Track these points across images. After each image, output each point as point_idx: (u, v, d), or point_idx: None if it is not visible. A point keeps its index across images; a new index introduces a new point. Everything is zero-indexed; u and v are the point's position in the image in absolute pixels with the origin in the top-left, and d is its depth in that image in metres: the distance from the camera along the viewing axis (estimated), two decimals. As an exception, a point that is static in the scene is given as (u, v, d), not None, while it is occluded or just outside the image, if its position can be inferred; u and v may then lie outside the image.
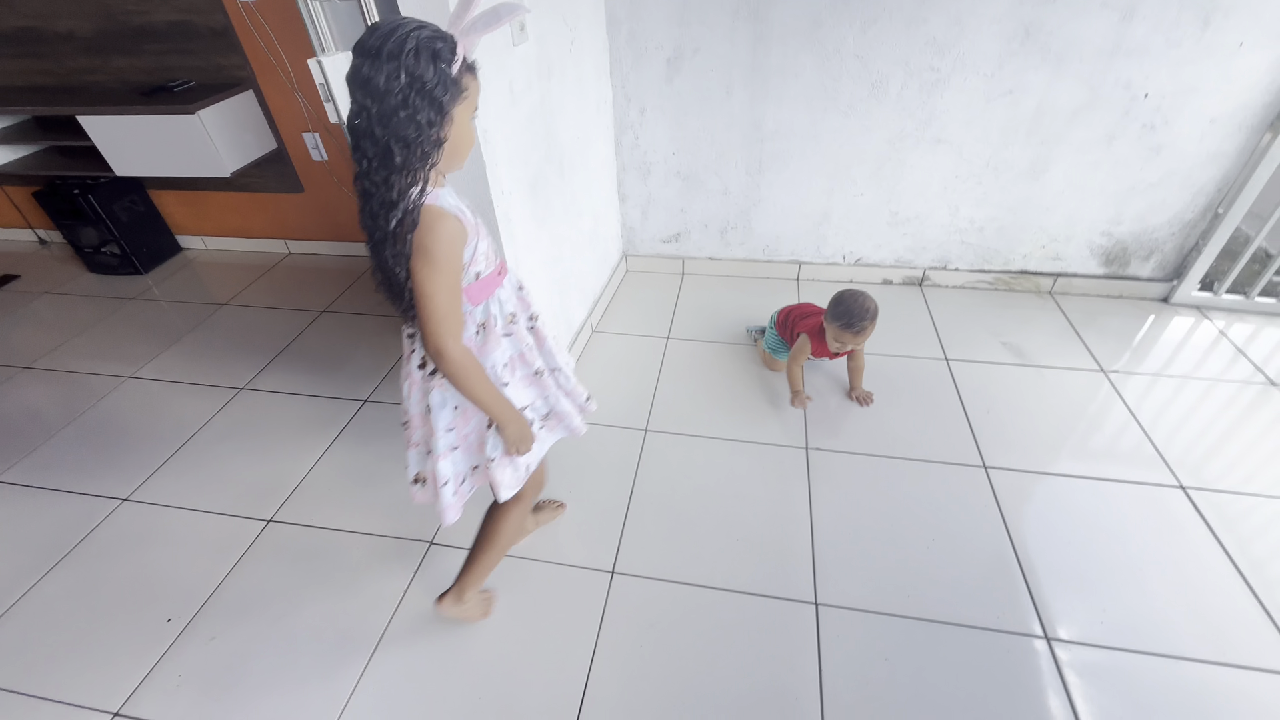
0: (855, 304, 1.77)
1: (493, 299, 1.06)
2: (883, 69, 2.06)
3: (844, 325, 1.77)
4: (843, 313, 1.77)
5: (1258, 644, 1.32)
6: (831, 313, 1.81)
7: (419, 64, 0.80)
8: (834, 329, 1.81)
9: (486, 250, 1.02)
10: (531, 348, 1.15)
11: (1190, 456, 1.74)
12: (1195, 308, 2.31)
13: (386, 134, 0.83)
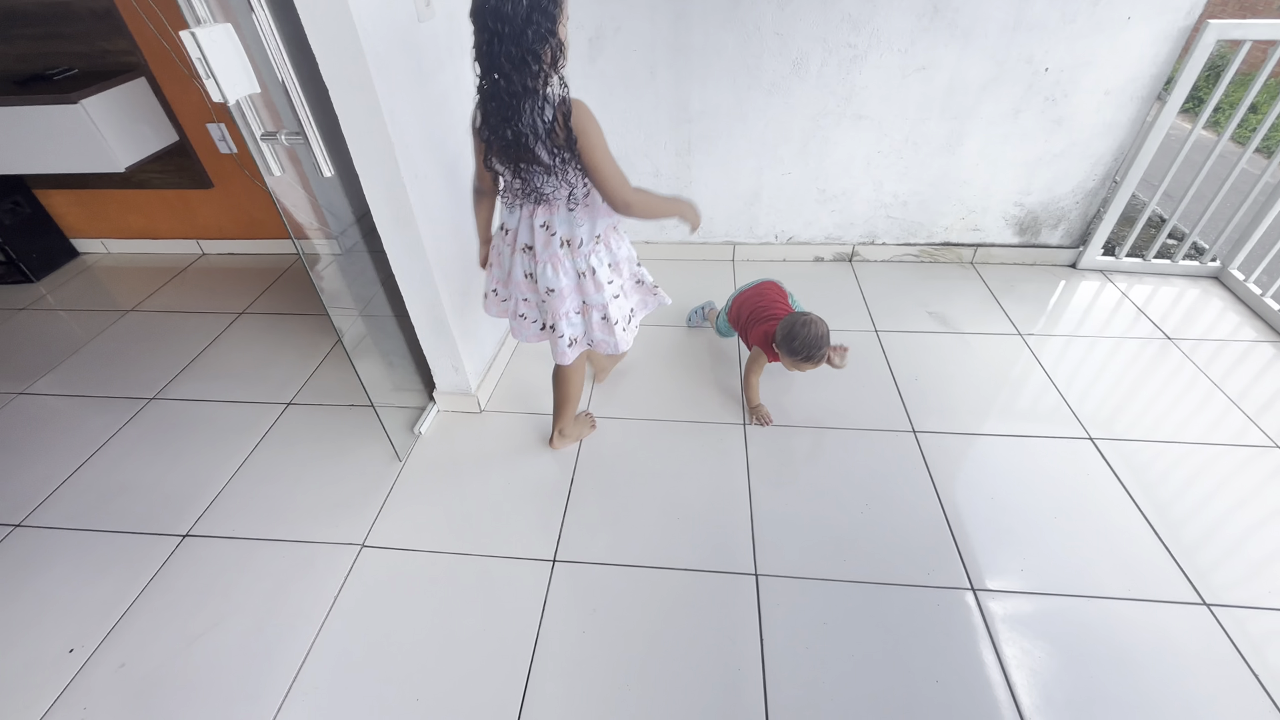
0: (808, 335, 1.62)
1: None
2: (802, 46, 2.08)
3: (804, 358, 1.64)
4: (799, 347, 1.62)
5: (1162, 578, 1.41)
6: (786, 347, 1.65)
7: None
8: (790, 361, 1.68)
9: None
10: (616, 236, 1.43)
11: (1099, 411, 1.84)
12: (1100, 272, 2.45)
13: (520, 49, 1.03)
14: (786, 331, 1.66)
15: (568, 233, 1.30)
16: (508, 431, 1.87)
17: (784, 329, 1.67)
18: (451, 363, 1.81)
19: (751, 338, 1.83)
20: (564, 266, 1.34)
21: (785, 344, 1.66)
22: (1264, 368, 1.98)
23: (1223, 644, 1.29)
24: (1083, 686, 1.24)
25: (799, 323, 1.65)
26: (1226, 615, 1.34)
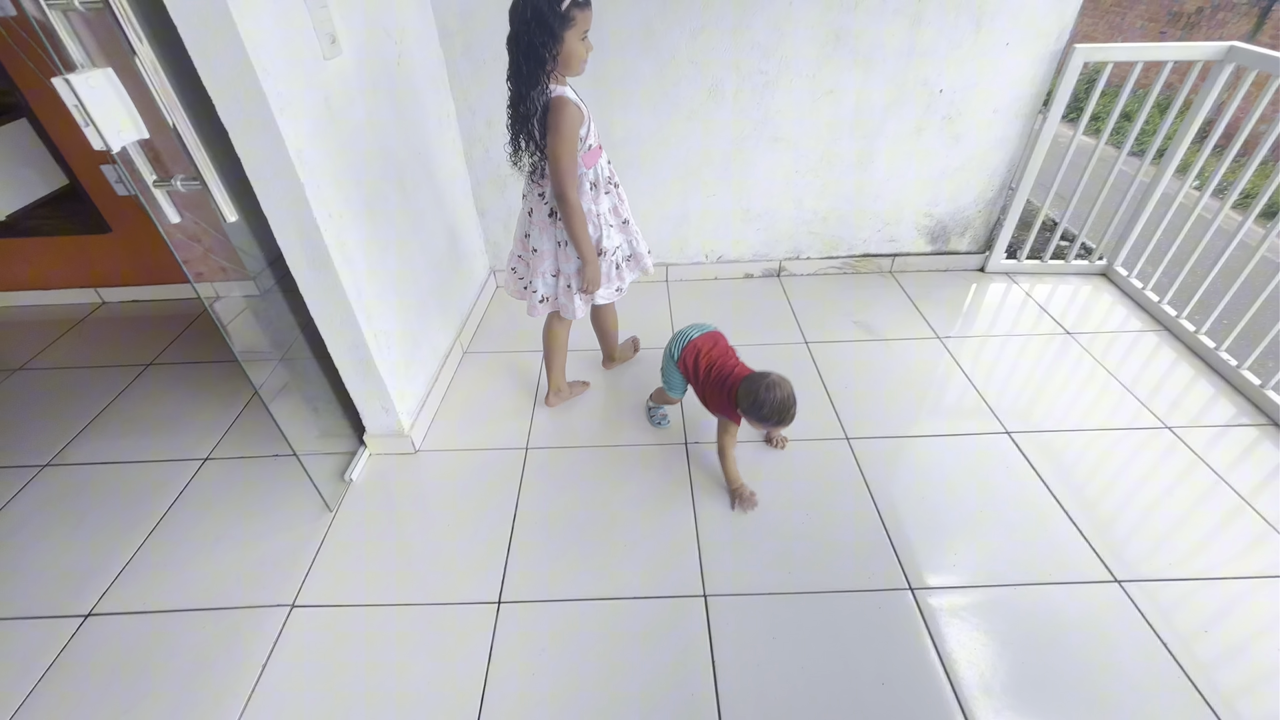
0: (774, 400, 1.45)
1: (600, 163, 1.55)
2: (717, 73, 2.15)
3: (775, 423, 1.49)
4: (769, 414, 1.46)
5: (1079, 560, 1.51)
6: (755, 415, 1.48)
7: (545, 8, 1.28)
8: (761, 427, 1.56)
9: (594, 130, 1.51)
10: (621, 202, 1.65)
11: (1014, 405, 1.96)
12: (1005, 274, 2.63)
13: (518, 51, 1.34)
14: (752, 399, 1.47)
15: (556, 205, 1.53)
16: (446, 471, 1.81)
17: (748, 396, 1.48)
18: (381, 404, 1.75)
19: (713, 404, 1.63)
20: (548, 233, 1.62)
21: (753, 411, 1.47)
22: (1150, 355, 2.16)
23: (1134, 617, 1.38)
24: (1016, 672, 1.29)
25: (763, 386, 1.46)
26: (1137, 590, 1.44)
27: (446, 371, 2.11)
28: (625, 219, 1.69)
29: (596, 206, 1.58)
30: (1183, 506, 1.64)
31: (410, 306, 1.86)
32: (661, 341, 2.27)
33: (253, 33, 1.15)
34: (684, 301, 2.54)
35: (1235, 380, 2.00)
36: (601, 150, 1.57)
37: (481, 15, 2.02)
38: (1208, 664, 1.30)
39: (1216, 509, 1.63)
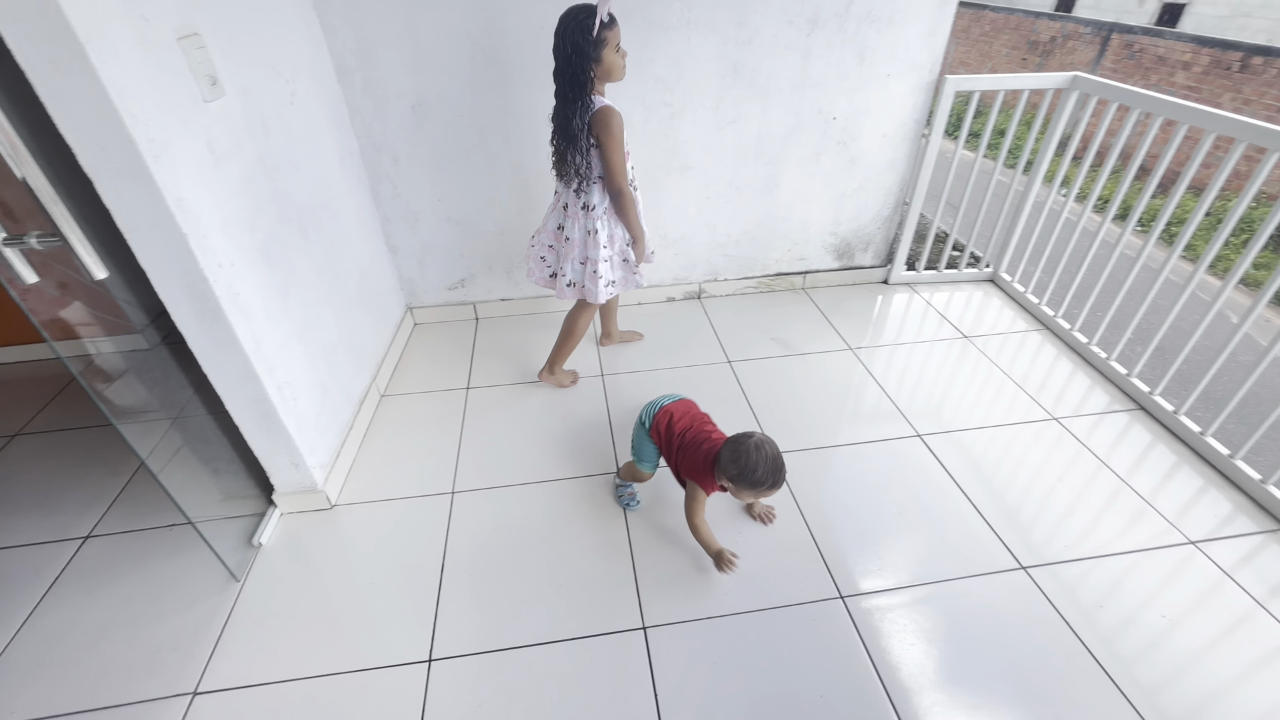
0: (765, 460, 1.34)
1: (628, 164, 1.76)
2: (624, 105, 2.17)
3: (770, 484, 1.37)
4: (763, 477, 1.35)
5: (990, 551, 1.61)
6: (748, 479, 1.35)
7: (571, 32, 1.55)
8: (750, 493, 1.40)
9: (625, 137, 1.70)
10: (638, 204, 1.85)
11: (924, 408, 2.08)
12: (907, 285, 2.81)
13: (564, 80, 1.62)
14: (742, 463, 1.34)
15: (588, 200, 1.77)
16: (366, 524, 1.72)
17: (736, 460, 1.35)
18: (290, 459, 1.64)
19: (687, 470, 1.50)
20: (580, 224, 1.81)
21: (744, 477, 1.35)
22: (1036, 353, 2.37)
23: (1040, 600, 1.49)
24: (944, 668, 1.36)
25: (751, 446, 1.34)
26: (1041, 574, 1.55)
27: (363, 418, 2.01)
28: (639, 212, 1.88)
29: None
30: (1073, 491, 1.78)
31: (318, 354, 1.76)
32: (583, 372, 2.28)
33: (118, 78, 1.07)
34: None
35: (1106, 371, 2.22)
36: (628, 158, 1.78)
37: (380, 53, 1.98)
38: (1107, 636, 1.41)
39: (1101, 491, 1.79)
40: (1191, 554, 1.61)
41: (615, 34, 1.60)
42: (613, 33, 1.59)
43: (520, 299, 2.63)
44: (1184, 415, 1.96)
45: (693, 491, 1.51)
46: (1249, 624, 1.45)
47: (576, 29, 1.55)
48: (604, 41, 1.57)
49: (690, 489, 1.52)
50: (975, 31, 12.66)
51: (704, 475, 1.45)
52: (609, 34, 1.58)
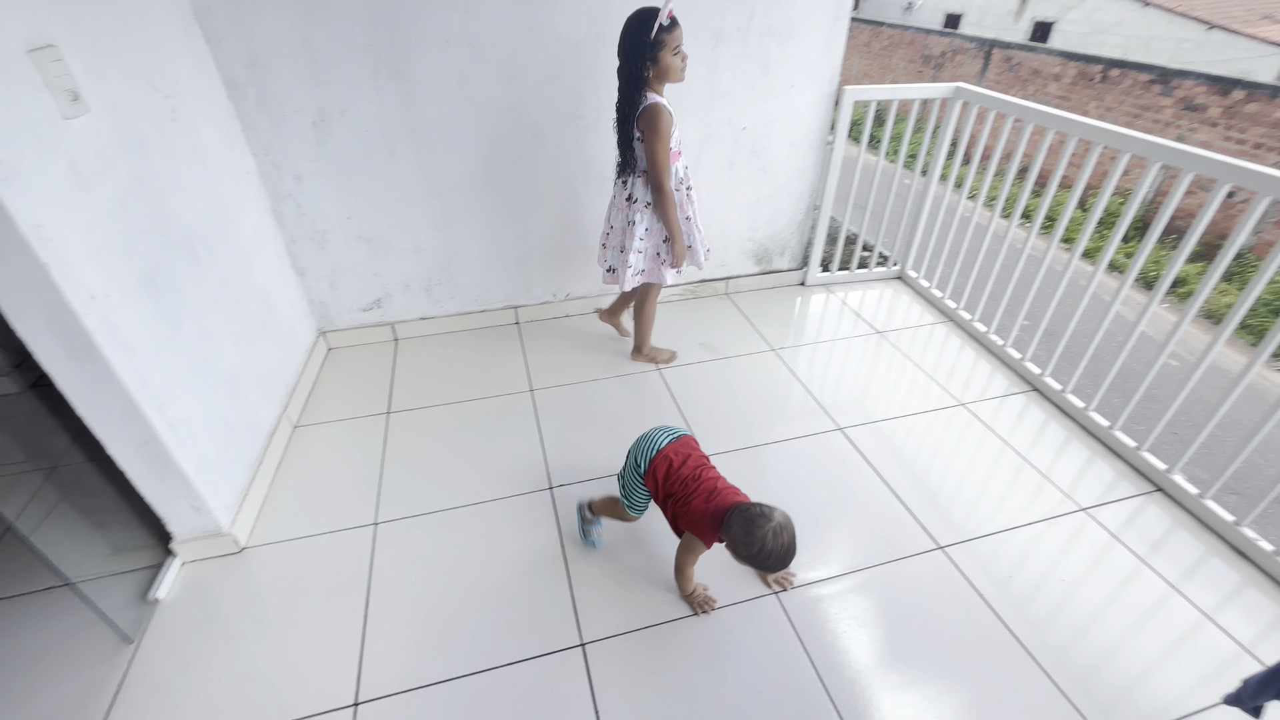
0: (780, 547, 1.21)
1: (677, 165, 1.90)
2: (537, 119, 2.19)
3: (774, 567, 1.25)
4: (774, 563, 1.23)
5: (910, 536, 1.68)
6: (754, 560, 1.23)
7: (632, 32, 1.70)
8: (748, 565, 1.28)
9: (678, 136, 1.85)
10: (690, 202, 1.99)
11: (846, 402, 2.17)
12: (823, 286, 2.93)
13: (624, 79, 1.77)
14: (755, 549, 1.21)
15: (632, 192, 1.91)
16: (281, 566, 1.60)
17: (748, 544, 1.22)
18: (189, 503, 1.51)
19: (684, 521, 1.38)
20: (623, 214, 1.98)
21: (755, 560, 1.23)
22: (942, 344, 2.52)
23: (957, 577, 1.57)
24: (874, 653, 1.40)
25: (769, 533, 1.20)
26: (958, 552, 1.64)
27: (274, 452, 1.88)
28: (688, 215, 1.99)
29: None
30: (982, 471, 1.90)
31: (218, 386, 1.64)
32: (511, 388, 2.23)
33: (-47, 93, 0.96)
34: (536, 341, 2.52)
35: (1004, 356, 2.39)
36: (681, 154, 1.90)
37: (274, 66, 1.88)
38: (1018, 603, 1.51)
39: (1006, 469, 1.92)
40: (1084, 520, 1.75)
41: (674, 37, 1.71)
42: (671, 36, 1.70)
43: (441, 317, 2.55)
44: (1070, 394, 2.14)
45: (690, 544, 1.39)
46: (1136, 580, 1.58)
47: (637, 29, 1.69)
48: (662, 43, 1.69)
49: (688, 540, 1.39)
50: (875, 46, 13.50)
51: (707, 531, 1.32)
52: (667, 36, 1.69)
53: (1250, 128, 6.92)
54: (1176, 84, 7.53)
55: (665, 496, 1.41)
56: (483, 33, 1.99)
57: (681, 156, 1.92)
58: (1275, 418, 1.56)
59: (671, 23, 1.69)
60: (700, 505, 1.33)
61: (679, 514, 1.38)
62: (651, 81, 1.76)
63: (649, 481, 1.43)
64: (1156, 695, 1.34)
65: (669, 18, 1.68)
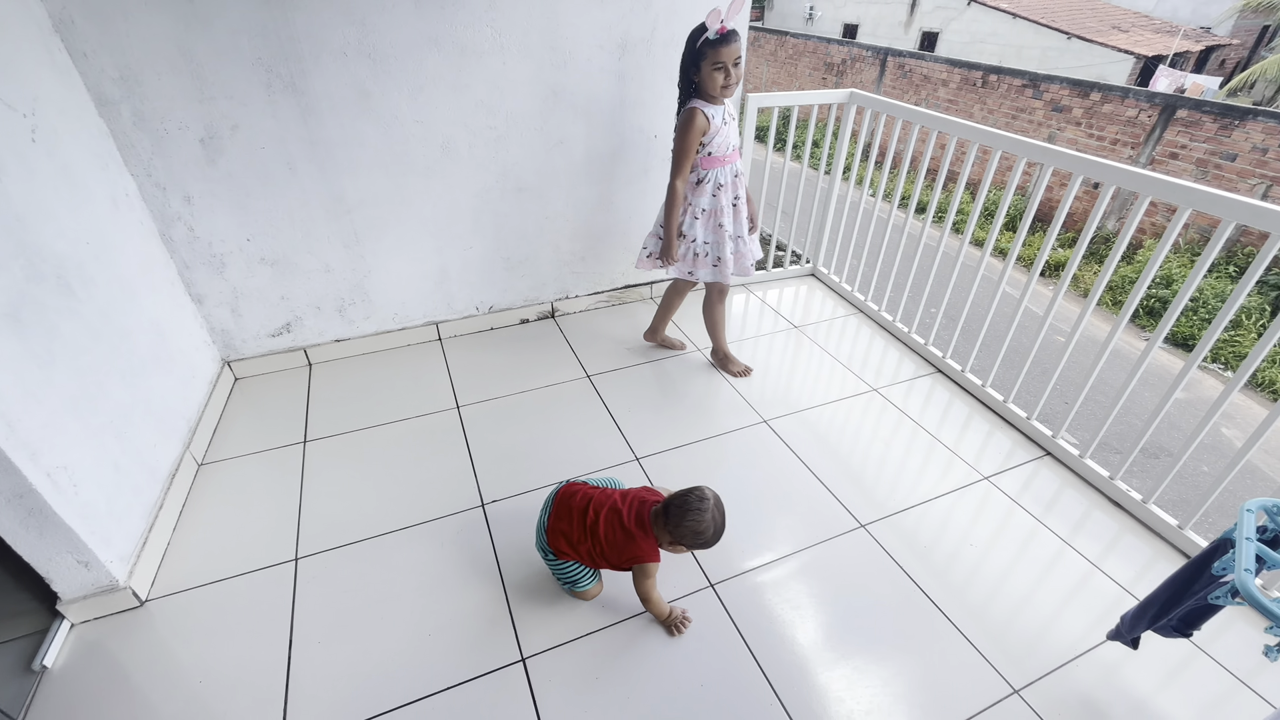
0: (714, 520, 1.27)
1: (717, 171, 1.97)
2: (446, 131, 2.15)
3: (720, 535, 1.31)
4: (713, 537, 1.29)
5: (833, 516, 1.77)
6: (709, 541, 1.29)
7: (687, 41, 1.81)
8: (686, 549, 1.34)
9: (722, 142, 1.93)
10: (725, 211, 2.03)
11: (772, 396, 2.25)
12: (742, 286, 3.03)
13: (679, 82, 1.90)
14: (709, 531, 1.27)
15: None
16: (191, 614, 1.49)
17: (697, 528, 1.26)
18: (76, 558, 1.37)
19: (621, 560, 1.37)
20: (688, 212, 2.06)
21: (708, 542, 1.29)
22: (854, 334, 2.67)
23: (879, 552, 1.66)
24: (808, 635, 1.46)
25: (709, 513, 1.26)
26: (880, 528, 1.73)
27: (175, 494, 1.75)
28: (720, 223, 2.04)
29: (695, 199, 2.01)
30: (898, 451, 2.02)
31: (104, 428, 1.51)
32: (436, 406, 2.17)
33: None
34: (463, 356, 2.46)
35: (910, 343, 2.56)
36: (725, 162, 1.96)
37: (152, 81, 1.76)
38: (939, 572, 1.61)
39: (919, 447, 2.05)
40: (988, 488, 1.89)
41: (720, 53, 1.75)
42: (716, 50, 1.75)
43: (358, 338, 2.45)
44: (969, 373, 2.31)
45: (639, 572, 1.36)
46: (1035, 539, 1.73)
47: (690, 39, 1.80)
48: (703, 55, 1.77)
49: (636, 570, 1.37)
50: (782, 55, 14.12)
51: (646, 551, 1.32)
52: (710, 50, 1.75)
53: (1107, 125, 7.74)
54: (1045, 88, 8.32)
55: (589, 556, 1.39)
56: (383, 45, 1.94)
57: (728, 165, 1.98)
58: (1136, 379, 1.75)
59: (721, 38, 1.73)
60: (619, 537, 1.33)
61: (610, 557, 1.37)
62: (700, 90, 1.85)
63: (569, 558, 1.40)
64: (1058, 641, 1.46)
65: (718, 33, 1.72)
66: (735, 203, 2.05)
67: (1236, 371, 1.50)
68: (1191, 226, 7.04)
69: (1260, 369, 5.62)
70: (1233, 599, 0.97)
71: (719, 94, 1.85)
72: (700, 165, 1.96)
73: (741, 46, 1.79)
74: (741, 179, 2.06)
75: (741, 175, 2.06)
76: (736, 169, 2.02)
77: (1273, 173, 6.42)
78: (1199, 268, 1.55)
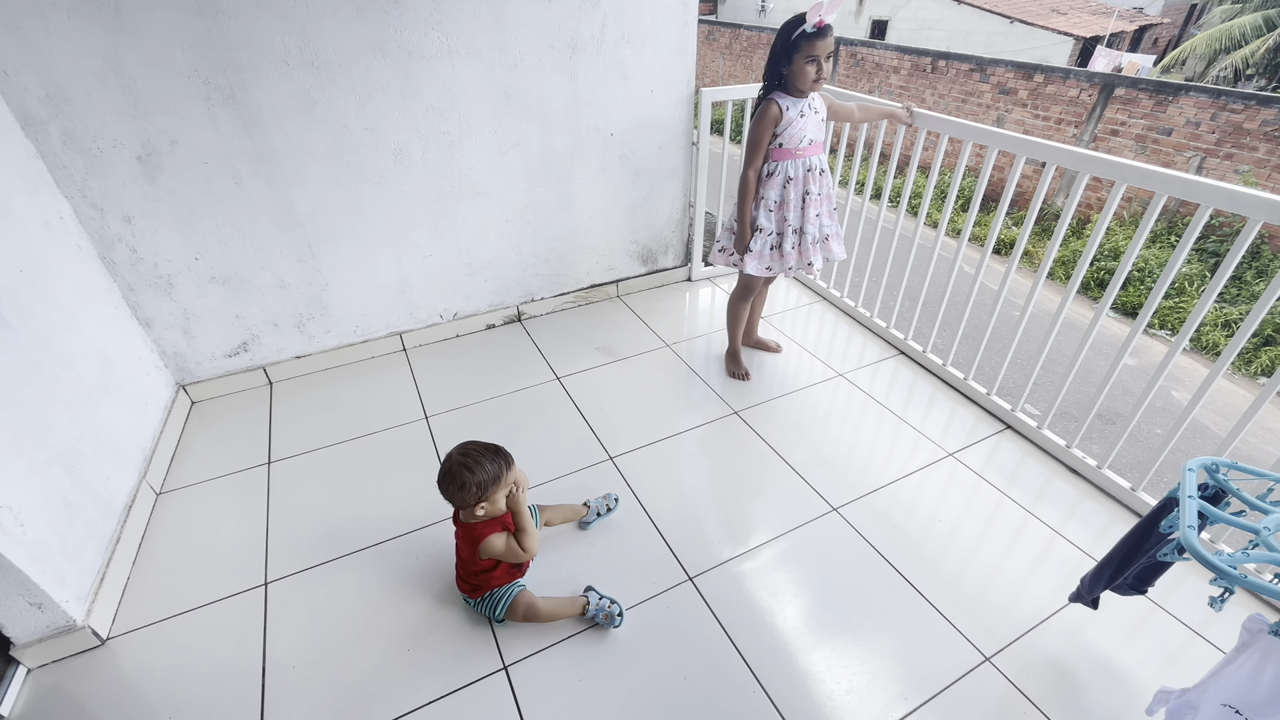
0: (483, 463, 1.33)
1: (788, 163, 1.94)
2: (398, 138, 2.11)
3: (506, 469, 1.37)
4: (494, 473, 1.34)
5: (807, 502, 1.79)
6: (493, 483, 1.34)
7: (780, 33, 1.80)
8: (504, 489, 1.38)
9: (795, 135, 1.89)
10: (792, 206, 1.99)
11: (738, 388, 2.27)
12: (707, 279, 3.06)
13: (766, 73, 1.90)
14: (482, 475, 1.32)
15: None
16: (157, 650, 1.44)
17: (480, 478, 1.31)
18: (28, 599, 1.32)
19: (478, 553, 1.39)
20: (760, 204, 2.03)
21: (446, 486, 1.33)
22: (819, 321, 2.71)
23: (852, 534, 1.70)
24: (785, 621, 1.48)
25: (461, 465, 1.31)
26: (851, 510, 1.77)
27: (134, 526, 1.68)
28: (785, 216, 2.00)
29: (766, 192, 1.97)
30: (867, 434, 2.07)
31: (51, 463, 1.44)
32: (404, 419, 2.14)
33: None
34: (429, 365, 2.43)
35: (872, 326, 2.61)
36: (796, 155, 1.93)
37: (81, 99, 1.68)
38: (910, 548, 1.65)
39: (886, 428, 2.09)
40: (954, 464, 1.94)
41: (815, 46, 1.75)
42: (811, 44, 1.74)
43: (319, 353, 2.39)
44: (931, 352, 2.37)
45: (488, 546, 1.36)
46: (1000, 511, 1.79)
47: (783, 31, 1.78)
48: (797, 47, 1.76)
49: (487, 548, 1.37)
50: (736, 48, 14.21)
51: (480, 530, 1.36)
52: (805, 43, 1.75)
53: (1051, 106, 8.00)
54: (991, 71, 8.55)
55: (476, 578, 1.42)
56: (326, 52, 1.90)
57: (801, 158, 1.93)
58: (1086, 347, 1.82)
59: (817, 31, 1.73)
60: (462, 547, 1.41)
61: (470, 564, 1.41)
62: (788, 82, 1.84)
63: (479, 592, 1.44)
64: (1026, 607, 1.51)
65: (816, 26, 1.72)
66: (806, 197, 1.99)
67: (1178, 334, 1.57)
68: (1135, 200, 7.33)
69: (1204, 332, 5.90)
70: (1180, 555, 1.02)
71: (808, 87, 1.83)
72: (771, 156, 1.94)
73: (832, 42, 1.79)
74: (822, 176, 2.00)
75: (824, 172, 2.01)
76: (811, 163, 1.96)
77: (1206, 145, 6.72)
78: (1137, 238, 1.62)
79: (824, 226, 2.08)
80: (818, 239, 2.07)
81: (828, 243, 2.11)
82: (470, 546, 1.39)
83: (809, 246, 2.05)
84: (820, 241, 2.08)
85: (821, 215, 2.06)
